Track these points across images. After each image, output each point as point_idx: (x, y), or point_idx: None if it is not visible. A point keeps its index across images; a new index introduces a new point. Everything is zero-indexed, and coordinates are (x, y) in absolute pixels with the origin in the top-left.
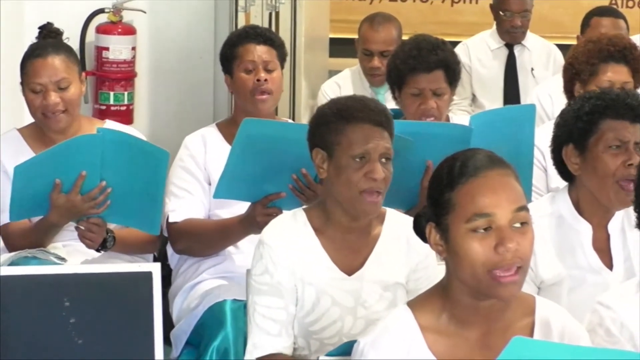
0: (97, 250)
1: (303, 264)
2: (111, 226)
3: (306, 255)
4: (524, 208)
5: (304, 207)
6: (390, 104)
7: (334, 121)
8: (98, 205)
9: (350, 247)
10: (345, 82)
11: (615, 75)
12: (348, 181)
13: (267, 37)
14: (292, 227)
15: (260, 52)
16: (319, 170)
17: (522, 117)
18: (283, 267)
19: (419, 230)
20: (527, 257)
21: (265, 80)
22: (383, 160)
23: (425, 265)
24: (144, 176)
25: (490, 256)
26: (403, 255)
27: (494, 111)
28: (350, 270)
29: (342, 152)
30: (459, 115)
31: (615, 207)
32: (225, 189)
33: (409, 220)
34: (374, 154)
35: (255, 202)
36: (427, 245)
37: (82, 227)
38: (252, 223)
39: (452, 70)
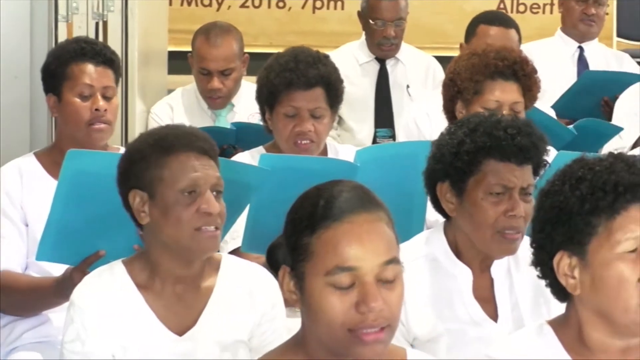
0: None
1: (123, 327)
2: None
3: (127, 316)
4: (394, 260)
5: (123, 259)
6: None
7: (152, 155)
8: None
9: (180, 302)
10: (178, 103)
11: (504, 95)
12: (178, 220)
13: (107, 57)
14: (108, 283)
15: (99, 75)
16: (139, 216)
17: (416, 155)
18: (97, 334)
19: (273, 262)
20: (394, 316)
21: (105, 110)
22: (215, 193)
23: (272, 317)
24: None
25: (350, 315)
26: (244, 308)
27: (384, 146)
28: (181, 330)
29: (166, 188)
30: (339, 145)
31: (496, 257)
32: (49, 249)
33: (251, 267)
34: (204, 185)
35: (72, 267)
36: (275, 293)
37: None
38: (68, 292)
39: (334, 90)
